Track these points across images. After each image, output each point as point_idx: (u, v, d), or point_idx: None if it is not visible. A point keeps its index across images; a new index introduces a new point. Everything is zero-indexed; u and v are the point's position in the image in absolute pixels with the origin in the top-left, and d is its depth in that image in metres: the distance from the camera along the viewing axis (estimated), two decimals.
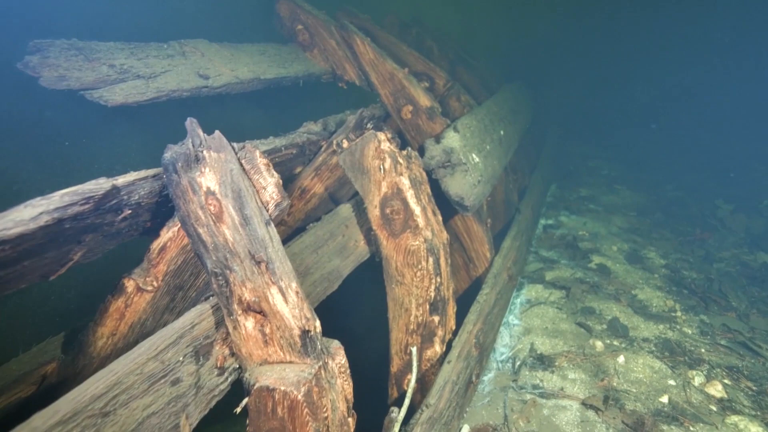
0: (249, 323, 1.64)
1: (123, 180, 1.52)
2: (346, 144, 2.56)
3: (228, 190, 1.58)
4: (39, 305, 2.38)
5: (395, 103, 3.55)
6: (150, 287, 1.85)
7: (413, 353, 2.30)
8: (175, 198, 1.60)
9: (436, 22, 5.76)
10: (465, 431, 2.40)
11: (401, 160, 2.51)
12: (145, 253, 1.83)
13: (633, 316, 3.48)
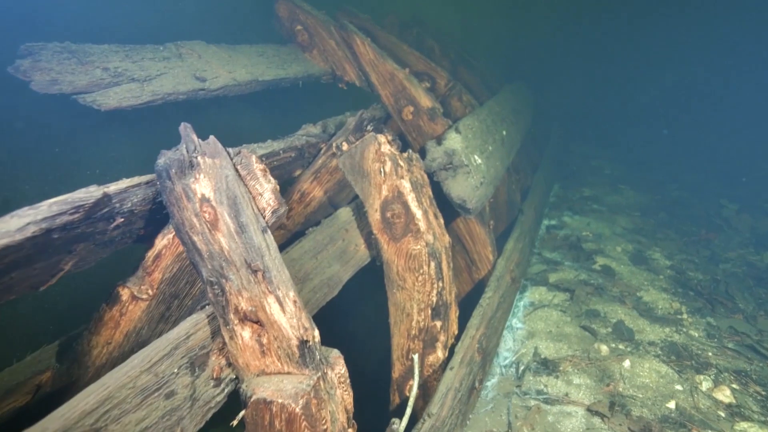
0: (246, 333, 1.60)
1: (115, 187, 1.48)
2: (345, 147, 2.52)
3: (223, 197, 1.54)
4: (33, 313, 2.35)
5: (396, 104, 3.50)
6: (145, 295, 1.81)
7: (415, 361, 2.26)
8: (169, 205, 1.56)
9: (436, 21, 5.71)
10: None
11: (402, 162, 2.46)
12: (140, 261, 1.79)
13: (638, 318, 3.42)
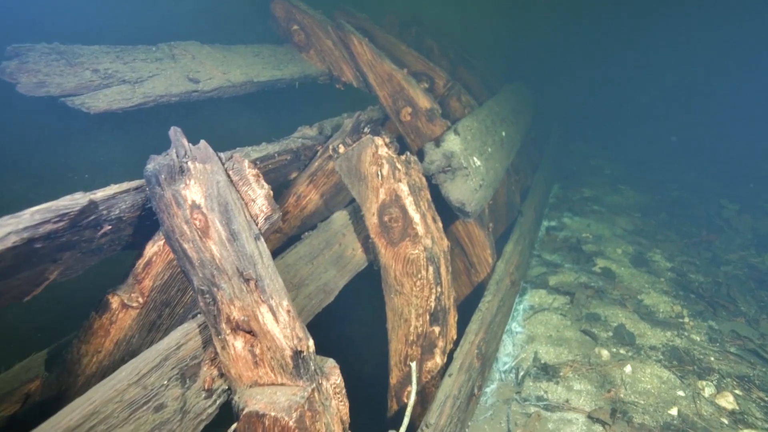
0: (238, 343, 1.55)
1: (102, 194, 1.43)
2: (342, 149, 2.47)
3: (214, 203, 1.49)
4: (21, 320, 2.30)
5: (394, 105, 3.45)
6: (135, 303, 1.76)
7: (412, 368, 2.22)
8: (159, 212, 1.52)
9: (435, 21, 5.65)
10: None
11: (399, 165, 2.42)
12: (131, 268, 1.74)
13: (639, 322, 3.38)
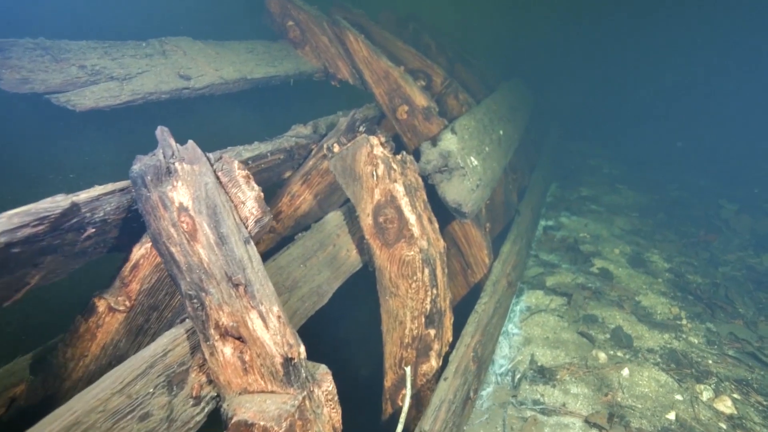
0: (227, 350, 1.51)
1: (85, 196, 1.38)
2: (337, 148, 2.42)
3: (202, 206, 1.45)
4: (5, 323, 2.24)
5: (390, 103, 3.40)
6: (122, 307, 1.72)
7: (407, 373, 2.18)
8: (145, 214, 1.47)
9: (433, 18, 5.59)
10: None
11: (395, 165, 2.37)
12: (117, 271, 1.70)
13: (637, 324, 3.35)
